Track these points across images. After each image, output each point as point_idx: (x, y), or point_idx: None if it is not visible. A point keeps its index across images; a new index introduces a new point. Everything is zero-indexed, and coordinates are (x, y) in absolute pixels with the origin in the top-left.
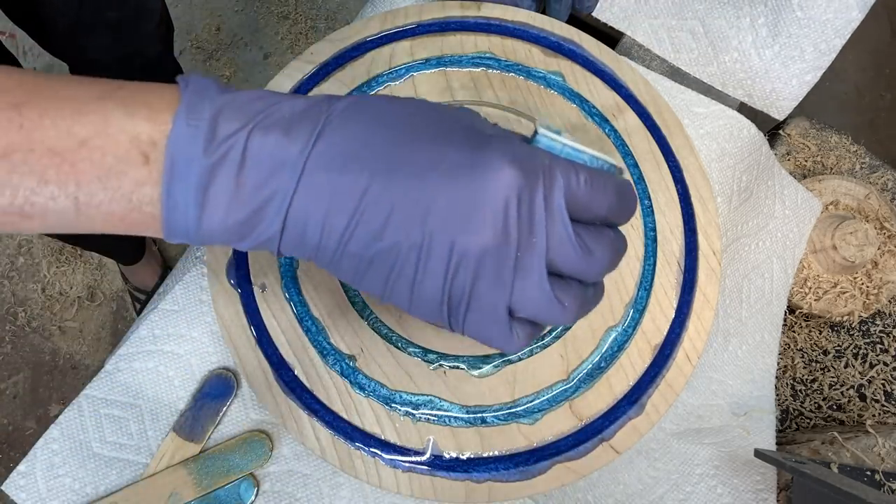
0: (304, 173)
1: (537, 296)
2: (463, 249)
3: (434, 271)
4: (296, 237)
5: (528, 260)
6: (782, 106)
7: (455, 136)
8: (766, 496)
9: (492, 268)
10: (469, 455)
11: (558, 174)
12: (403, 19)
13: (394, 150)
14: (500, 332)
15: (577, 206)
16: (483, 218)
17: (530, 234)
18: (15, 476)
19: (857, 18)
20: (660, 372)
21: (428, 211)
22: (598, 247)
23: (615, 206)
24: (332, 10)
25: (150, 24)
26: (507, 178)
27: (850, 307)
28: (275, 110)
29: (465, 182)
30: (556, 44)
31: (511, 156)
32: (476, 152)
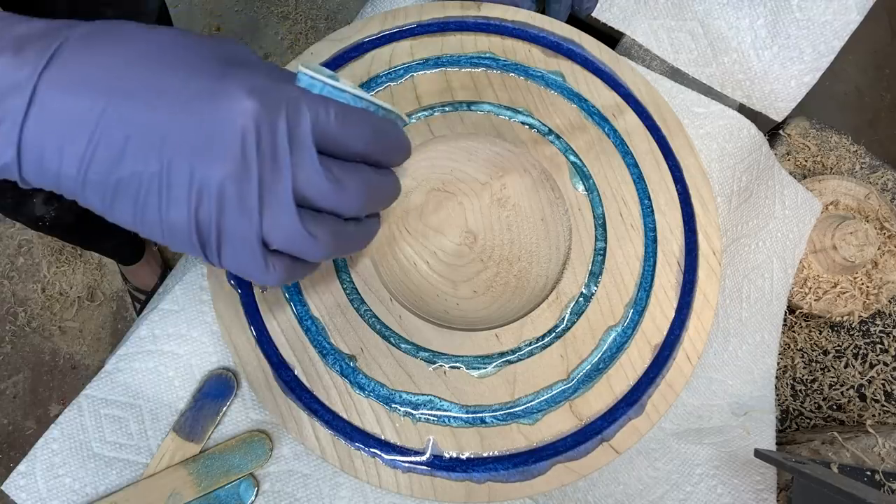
0: (36, 96)
1: (286, 226)
2: (203, 178)
3: (177, 200)
4: (34, 164)
5: (274, 190)
6: (781, 107)
7: (202, 64)
8: (766, 496)
9: (235, 197)
10: (469, 455)
11: (304, 106)
12: (403, 19)
13: (133, 75)
14: (254, 264)
15: (329, 141)
16: (220, 146)
17: (274, 163)
18: (15, 476)
19: (855, 20)
20: (660, 372)
21: (165, 138)
22: (350, 180)
23: (372, 143)
24: (332, 10)
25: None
26: (244, 107)
27: (850, 307)
28: (7, 31)
29: (202, 110)
30: (556, 44)
31: (251, 85)
32: (217, 81)
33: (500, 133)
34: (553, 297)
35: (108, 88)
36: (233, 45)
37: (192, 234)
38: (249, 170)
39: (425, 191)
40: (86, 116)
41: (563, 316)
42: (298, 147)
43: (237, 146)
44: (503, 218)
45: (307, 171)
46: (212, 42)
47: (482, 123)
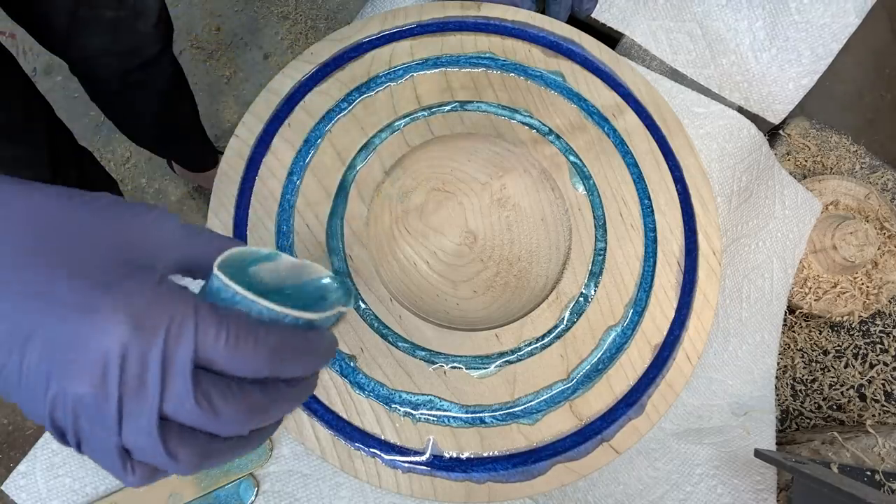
0: None
1: (145, 445)
2: (58, 391)
3: (34, 400)
4: None
5: (136, 409)
6: (778, 109)
7: (87, 264)
8: (766, 496)
9: (90, 413)
10: (469, 455)
11: (189, 330)
12: (403, 19)
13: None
14: (113, 467)
15: (215, 364)
16: (82, 365)
17: (139, 387)
18: (15, 476)
19: (854, 23)
20: (660, 372)
21: (27, 340)
22: (227, 407)
23: (268, 366)
24: (332, 10)
25: (148, 23)
26: (113, 331)
27: (850, 307)
28: None
29: (67, 323)
30: (557, 44)
31: (129, 304)
32: (93, 292)
33: (500, 133)
34: (553, 297)
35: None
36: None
37: (52, 430)
38: (108, 392)
39: (425, 191)
40: None
41: (562, 316)
42: (171, 374)
43: (98, 369)
44: (503, 218)
45: (177, 396)
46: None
47: (482, 123)
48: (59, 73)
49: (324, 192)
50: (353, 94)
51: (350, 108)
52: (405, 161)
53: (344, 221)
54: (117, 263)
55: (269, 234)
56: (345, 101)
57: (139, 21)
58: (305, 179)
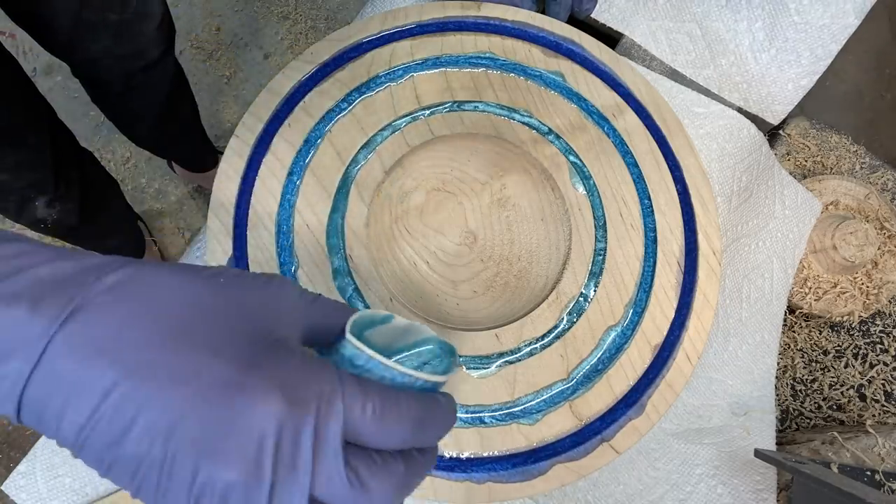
0: (44, 358)
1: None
2: (207, 479)
3: (176, 493)
4: (33, 421)
5: (287, 494)
6: (777, 110)
7: (230, 344)
8: (766, 496)
9: (240, 500)
10: (469, 455)
11: (338, 405)
12: (403, 19)
13: (150, 351)
14: None
15: (362, 437)
16: (233, 449)
17: (292, 468)
18: (15, 476)
19: (853, 24)
20: (660, 372)
21: (173, 429)
22: (376, 482)
23: (411, 438)
24: (332, 10)
25: (151, 25)
26: (267, 410)
27: (850, 307)
28: (31, 273)
29: (219, 405)
30: (557, 44)
31: (281, 382)
32: (242, 372)
33: (500, 133)
34: (553, 297)
35: (123, 362)
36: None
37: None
38: (262, 476)
39: (425, 191)
40: (93, 388)
41: (562, 316)
42: (323, 451)
43: (252, 451)
44: (503, 218)
45: (328, 476)
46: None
47: (482, 123)
48: (59, 73)
49: (324, 191)
50: (353, 94)
51: (350, 108)
52: (405, 161)
53: (344, 221)
54: (254, 340)
55: (270, 234)
56: (345, 101)
57: (143, 24)
58: (305, 179)
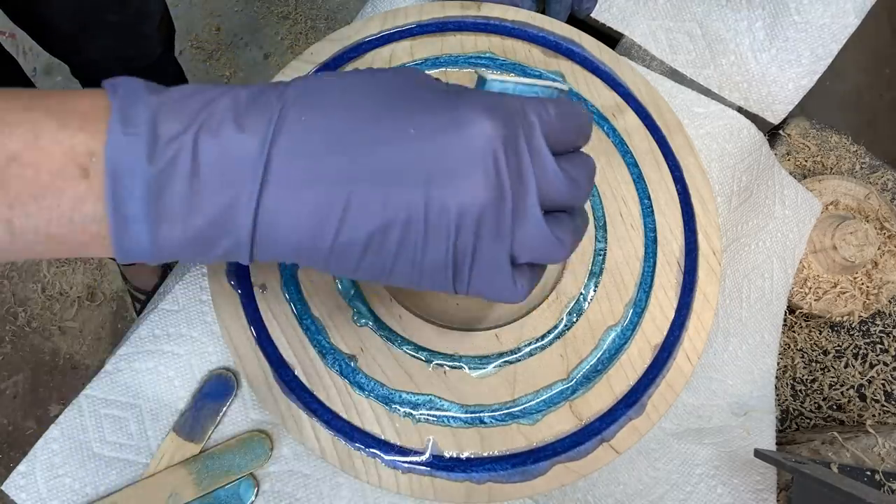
0: (270, 168)
1: (537, 238)
2: (461, 211)
3: (435, 240)
4: (270, 241)
5: (524, 205)
6: (778, 110)
7: (425, 98)
8: (766, 496)
9: (492, 221)
10: (469, 455)
11: (532, 115)
12: (403, 19)
13: (369, 127)
14: (504, 283)
15: (553, 140)
16: (476, 174)
17: (520, 179)
18: (15, 476)
19: (853, 24)
20: (660, 372)
21: (418, 180)
22: (579, 174)
23: (582, 130)
24: (332, 10)
25: (151, 26)
26: (490, 130)
27: (850, 307)
28: (217, 104)
29: (450, 143)
30: (557, 44)
31: (485, 106)
32: (450, 112)
33: None
34: (553, 297)
35: (346, 146)
36: (418, 72)
37: (447, 269)
38: (504, 191)
39: None
40: (330, 179)
41: (562, 316)
42: (538, 157)
43: (491, 170)
44: None
45: (549, 178)
46: (406, 73)
47: None
48: (59, 73)
49: None
50: None
51: None
52: None
53: None
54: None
55: None
56: None
57: (142, 24)
58: None
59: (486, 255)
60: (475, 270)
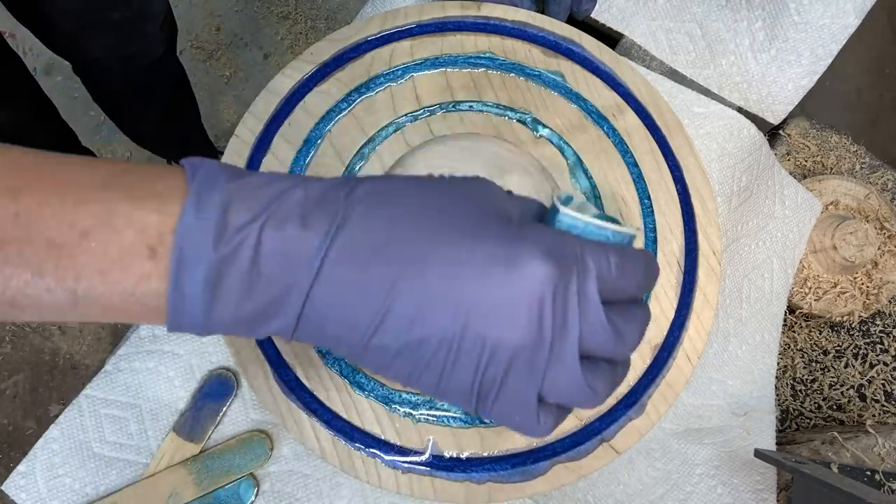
0: (324, 267)
1: (569, 384)
2: (495, 345)
3: (464, 366)
4: (313, 330)
5: (561, 351)
6: (777, 110)
7: (486, 225)
8: (766, 496)
9: (524, 362)
10: (468, 455)
11: (590, 262)
12: (403, 19)
13: (423, 243)
14: (527, 419)
15: (608, 290)
16: (518, 315)
17: (564, 326)
18: (15, 476)
19: (853, 24)
20: (660, 372)
21: (460, 306)
22: (628, 328)
23: (643, 284)
24: (332, 10)
25: (153, 25)
26: (542, 274)
27: (850, 307)
28: (288, 197)
29: (500, 278)
30: (557, 44)
31: (544, 248)
32: (510, 245)
33: (500, 133)
34: None
35: (398, 256)
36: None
37: (471, 395)
38: (543, 336)
39: None
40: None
41: None
42: (586, 305)
43: (535, 313)
44: None
45: (593, 328)
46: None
47: (482, 123)
48: (59, 72)
49: None
50: (353, 94)
51: (350, 109)
52: (405, 161)
53: None
54: (503, 220)
55: None
56: (345, 101)
57: (144, 23)
58: None
59: (513, 390)
60: (499, 401)
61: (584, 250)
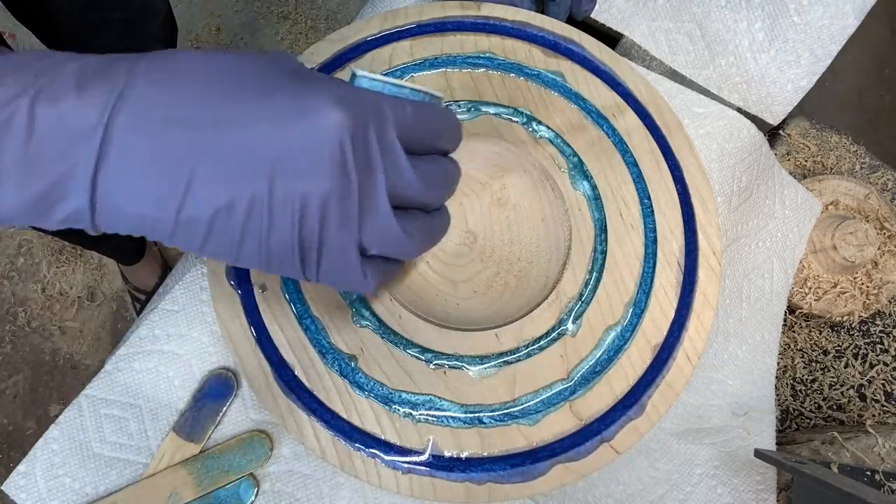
0: (110, 139)
1: (385, 231)
2: (305, 197)
3: (280, 223)
4: (112, 210)
5: (372, 197)
6: (777, 111)
7: (278, 83)
8: (766, 496)
9: (337, 211)
10: (468, 455)
11: (387, 110)
12: (403, 19)
13: (216, 105)
14: (353, 273)
15: (410, 139)
16: (320, 163)
17: (369, 172)
18: (15, 476)
19: (852, 25)
20: (660, 372)
21: (262, 162)
22: (435, 174)
23: (443, 133)
24: (332, 10)
25: (154, 24)
26: (338, 120)
27: (850, 307)
28: (62, 70)
29: (297, 129)
30: (557, 43)
31: (336, 97)
32: (301, 97)
33: (500, 133)
34: (553, 297)
35: (190, 122)
36: (286, 57)
37: (294, 254)
38: (350, 182)
39: None
40: (172, 153)
41: (562, 316)
42: (389, 151)
43: (337, 160)
44: (503, 218)
45: (399, 173)
46: (267, 56)
47: (482, 123)
48: None
49: None
50: None
51: None
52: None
53: None
54: (297, 75)
55: None
56: None
57: (146, 21)
58: None
59: (333, 244)
60: (323, 258)
61: (379, 100)
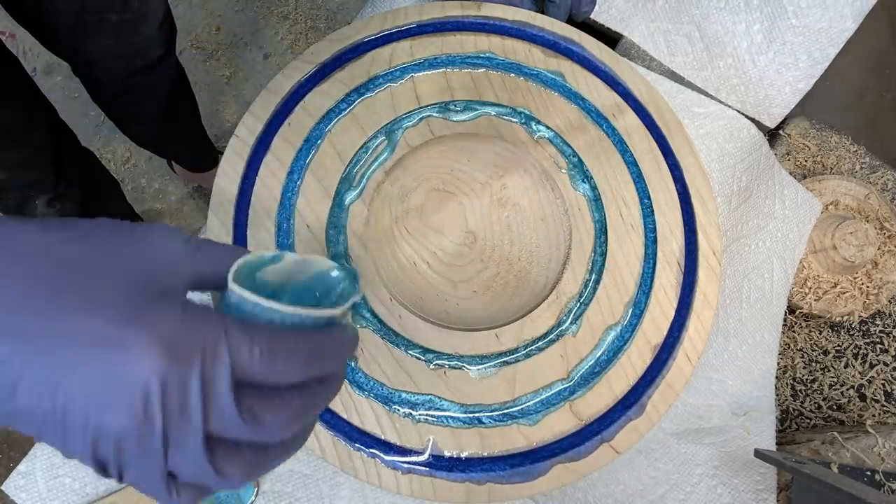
0: None
1: (194, 467)
2: (98, 426)
3: (73, 441)
4: None
5: (181, 436)
6: (774, 113)
7: (106, 300)
8: (766, 496)
9: (134, 444)
10: (468, 455)
11: (224, 351)
12: (403, 19)
13: (25, 315)
14: (158, 493)
15: (254, 378)
16: (120, 401)
17: (182, 413)
18: (15, 476)
19: (850, 28)
20: (660, 372)
21: (59, 385)
22: (271, 416)
23: (304, 372)
24: (332, 10)
25: (152, 25)
26: (149, 363)
27: (850, 307)
28: None
29: (100, 361)
30: (556, 43)
31: (161, 335)
32: (122, 327)
33: (500, 133)
34: (553, 297)
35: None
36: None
37: (94, 466)
38: (152, 423)
39: (425, 190)
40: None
41: (562, 316)
42: (212, 396)
43: (139, 403)
44: (503, 218)
45: (220, 415)
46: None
47: (482, 123)
48: (59, 73)
49: (324, 191)
50: (352, 94)
51: (350, 109)
52: (405, 161)
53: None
54: (136, 292)
55: (269, 234)
56: (345, 101)
57: (143, 24)
58: (306, 179)
59: (133, 467)
60: (126, 474)
61: (220, 339)
